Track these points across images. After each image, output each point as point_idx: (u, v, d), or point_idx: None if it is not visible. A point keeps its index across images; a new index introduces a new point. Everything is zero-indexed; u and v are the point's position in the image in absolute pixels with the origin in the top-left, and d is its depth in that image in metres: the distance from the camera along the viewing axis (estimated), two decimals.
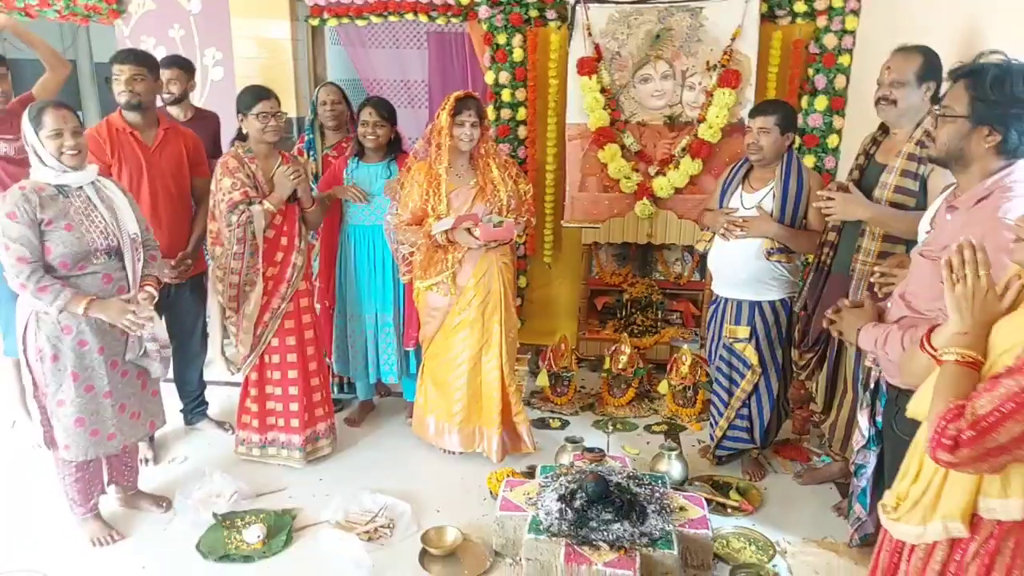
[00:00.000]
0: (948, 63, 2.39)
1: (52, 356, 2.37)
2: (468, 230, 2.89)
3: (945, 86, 1.90)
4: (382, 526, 2.73)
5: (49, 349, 2.36)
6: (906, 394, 1.67)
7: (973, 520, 1.32)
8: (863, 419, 2.40)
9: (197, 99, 4.33)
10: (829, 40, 3.70)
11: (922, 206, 2.40)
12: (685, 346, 3.79)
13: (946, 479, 1.36)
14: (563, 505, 2.54)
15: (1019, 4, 2.25)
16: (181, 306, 3.20)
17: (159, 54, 4.12)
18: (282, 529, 2.70)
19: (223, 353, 4.07)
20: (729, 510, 2.88)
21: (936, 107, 1.87)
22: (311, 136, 3.62)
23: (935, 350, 1.40)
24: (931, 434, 1.27)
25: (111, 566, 2.54)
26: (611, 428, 3.58)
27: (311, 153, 3.59)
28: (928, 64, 2.45)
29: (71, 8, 4.28)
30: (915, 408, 1.47)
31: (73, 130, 2.35)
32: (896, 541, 1.48)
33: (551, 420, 3.65)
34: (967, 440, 1.20)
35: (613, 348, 3.84)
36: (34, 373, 2.42)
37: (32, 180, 2.39)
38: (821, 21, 3.72)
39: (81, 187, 2.44)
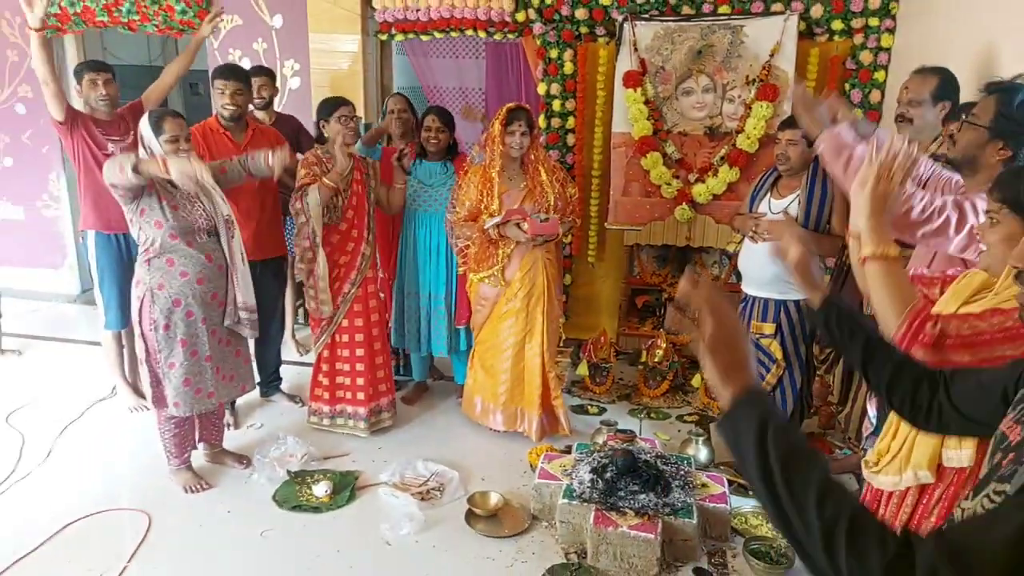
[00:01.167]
0: (970, 80, 2.61)
1: (165, 325, 2.79)
2: (517, 224, 3.22)
3: (979, 96, 2.09)
4: (433, 489, 3.06)
5: (162, 320, 2.78)
6: None
7: (939, 469, 1.57)
8: (871, 408, 2.64)
9: (276, 105, 4.77)
10: (865, 57, 3.89)
11: None
12: None
13: (917, 435, 1.61)
14: (595, 476, 2.83)
15: None
16: (263, 287, 3.56)
17: (244, 65, 4.60)
18: (346, 487, 3.06)
19: (294, 336, 4.51)
20: (750, 492, 3.11)
21: (966, 115, 2.07)
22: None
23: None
24: (903, 330, 1.46)
25: (201, 509, 2.94)
26: (644, 416, 3.85)
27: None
28: (944, 84, 2.65)
29: (168, 23, 4.77)
30: None
31: (186, 136, 2.77)
32: (875, 491, 1.74)
33: (589, 407, 3.93)
34: (955, 342, 1.44)
35: (650, 342, 4.10)
36: (148, 341, 2.84)
37: None
38: (857, 39, 3.91)
39: None
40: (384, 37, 4.65)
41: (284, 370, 4.01)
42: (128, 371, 3.81)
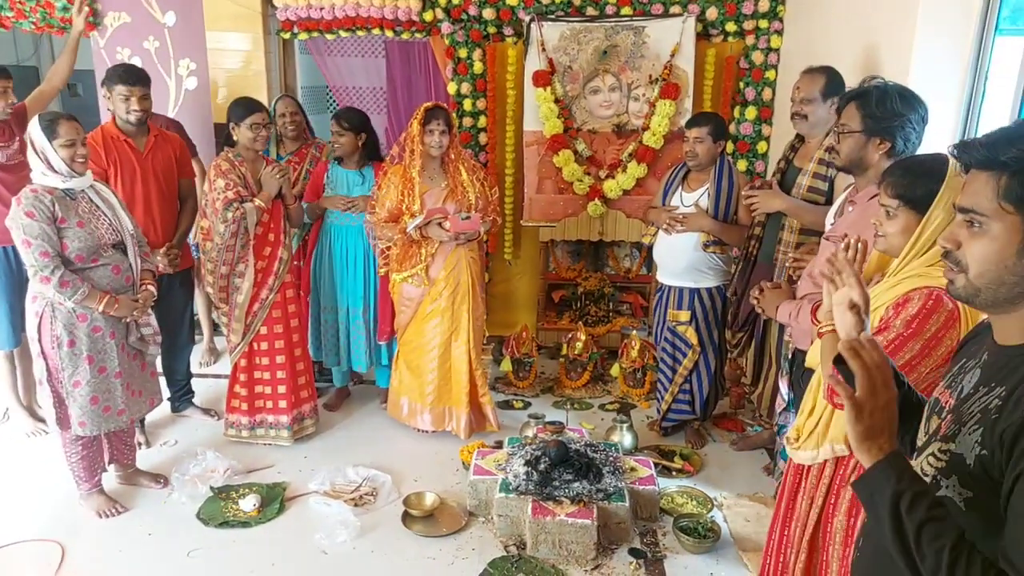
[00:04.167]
0: (854, 78, 2.84)
1: (69, 342, 2.61)
2: (439, 224, 3.22)
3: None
4: (366, 494, 3.03)
5: (66, 336, 2.60)
6: None
7: None
8: (783, 385, 2.82)
9: (172, 107, 4.56)
10: (757, 57, 4.13)
11: (830, 202, 2.82)
12: (634, 333, 4.17)
13: (833, 413, 1.74)
14: (529, 468, 2.88)
15: (905, 28, 2.68)
16: (171, 299, 3.42)
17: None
18: (275, 499, 2.98)
19: (212, 345, 4.35)
20: (673, 472, 3.26)
21: (835, 126, 2.28)
22: (267, 146, 3.89)
23: (818, 323, 1.79)
24: (825, 385, 1.64)
25: (119, 534, 2.78)
26: (569, 407, 3.94)
27: None
28: (831, 82, 2.86)
29: (47, 20, 4.43)
30: (810, 359, 1.86)
31: (83, 140, 2.60)
32: (797, 465, 1.87)
33: (514, 402, 3.99)
34: None
35: (570, 336, 4.20)
36: (49, 359, 2.64)
37: (40, 184, 2.62)
38: (749, 40, 4.15)
39: (83, 190, 2.69)
40: (287, 36, 4.52)
41: (195, 383, 3.83)
42: (22, 393, 3.54)
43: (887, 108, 2.11)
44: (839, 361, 1.21)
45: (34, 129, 2.58)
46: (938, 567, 0.93)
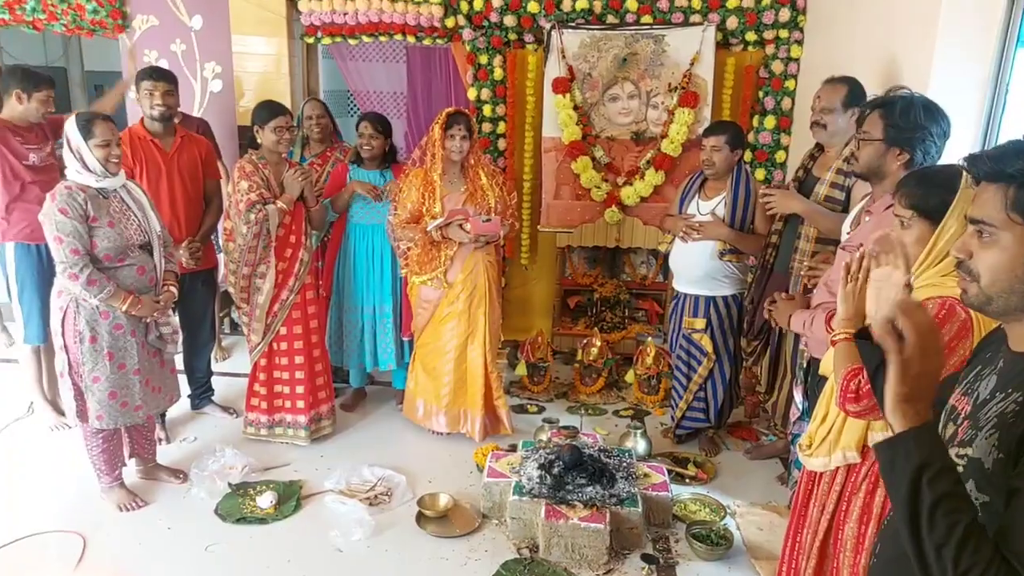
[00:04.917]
0: (873, 88, 2.85)
1: (91, 338, 2.67)
2: (460, 225, 3.26)
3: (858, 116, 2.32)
4: (381, 493, 3.06)
5: (88, 332, 2.67)
6: None
7: (863, 450, 1.73)
8: (798, 394, 2.83)
9: (197, 108, 4.64)
10: (776, 66, 4.14)
11: (846, 211, 2.83)
12: (649, 339, 4.18)
13: (845, 420, 1.76)
14: (543, 472, 2.91)
15: (925, 40, 2.69)
16: (193, 298, 3.48)
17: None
18: (291, 496, 3.02)
19: (220, 345, 4.40)
20: (687, 480, 3.27)
21: (857, 133, 2.30)
22: (291, 148, 3.95)
23: (832, 332, 1.80)
24: (839, 392, 1.66)
25: (139, 527, 2.83)
26: (583, 413, 3.96)
27: None
28: (852, 92, 2.87)
29: (77, 23, 4.54)
30: (823, 367, 1.87)
31: (118, 141, 2.67)
32: (810, 472, 1.88)
33: (529, 406, 4.01)
34: (865, 392, 1.59)
35: (585, 341, 4.22)
36: (71, 353, 2.71)
37: (75, 181, 2.68)
38: (769, 49, 4.16)
39: (115, 190, 2.75)
40: (311, 40, 4.59)
41: (213, 381, 3.88)
42: (47, 387, 3.61)
43: (910, 119, 2.12)
44: (860, 336, 1.21)
45: (70, 128, 2.64)
46: (947, 541, 0.92)
